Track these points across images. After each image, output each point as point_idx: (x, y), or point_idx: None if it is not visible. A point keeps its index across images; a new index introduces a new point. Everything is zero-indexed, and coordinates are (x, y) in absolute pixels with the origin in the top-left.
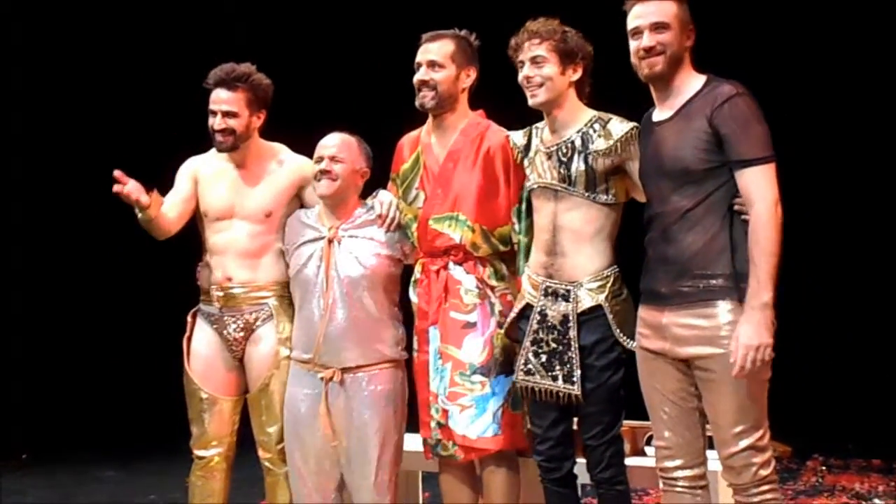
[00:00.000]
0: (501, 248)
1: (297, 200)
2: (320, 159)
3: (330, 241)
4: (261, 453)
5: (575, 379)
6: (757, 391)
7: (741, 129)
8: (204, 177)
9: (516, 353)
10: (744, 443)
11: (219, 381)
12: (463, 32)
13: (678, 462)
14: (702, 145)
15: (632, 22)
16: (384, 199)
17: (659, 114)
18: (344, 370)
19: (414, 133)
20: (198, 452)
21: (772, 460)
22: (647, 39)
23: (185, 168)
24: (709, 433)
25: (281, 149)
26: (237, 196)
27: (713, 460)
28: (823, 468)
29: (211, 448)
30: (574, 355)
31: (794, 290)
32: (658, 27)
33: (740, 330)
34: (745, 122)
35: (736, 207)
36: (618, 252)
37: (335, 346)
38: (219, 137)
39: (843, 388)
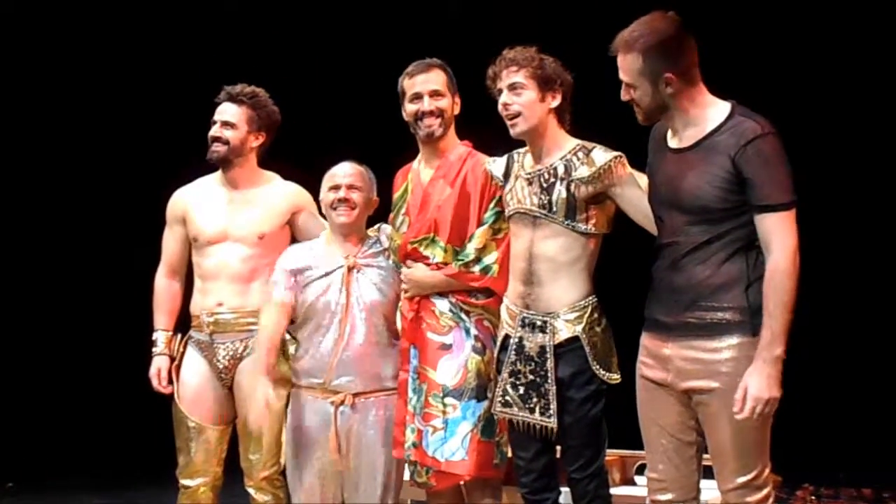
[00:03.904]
0: None
1: (289, 227)
2: (336, 188)
3: (350, 269)
4: (245, 480)
5: (551, 412)
6: (757, 429)
7: (765, 173)
8: (193, 204)
9: (490, 380)
10: (740, 479)
11: (207, 409)
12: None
13: (670, 496)
14: (723, 185)
15: None
16: (389, 232)
17: (675, 140)
18: (355, 395)
19: (408, 165)
20: (183, 482)
21: (770, 497)
22: (623, 95)
23: (171, 209)
24: (706, 463)
25: (274, 176)
26: (230, 218)
27: (707, 490)
28: (814, 497)
29: (197, 477)
30: (551, 388)
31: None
32: (628, 87)
33: (749, 380)
34: (769, 165)
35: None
36: (616, 281)
37: (348, 370)
38: (213, 146)
39: (834, 416)
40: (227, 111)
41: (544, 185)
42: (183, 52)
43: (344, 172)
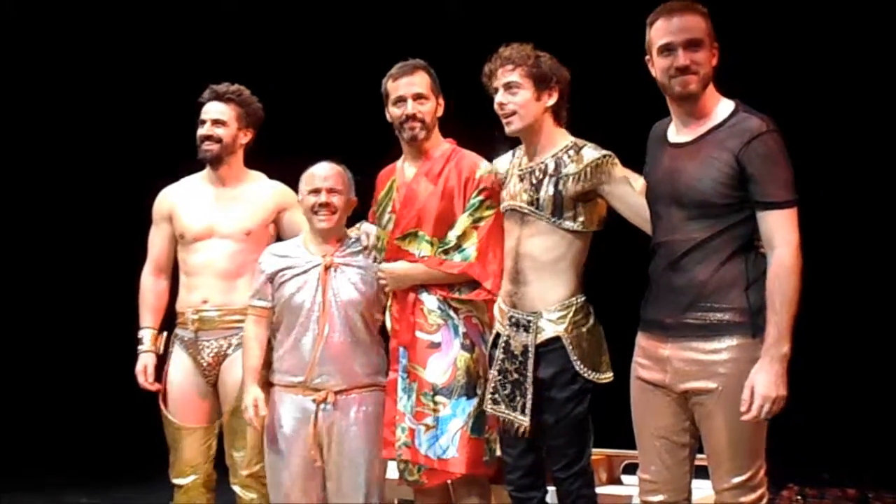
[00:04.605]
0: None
1: (274, 225)
2: (317, 191)
3: (327, 268)
4: (230, 478)
5: (526, 411)
6: (753, 430)
7: (769, 170)
8: (180, 202)
9: (480, 377)
10: (735, 480)
11: (192, 408)
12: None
13: (661, 497)
14: (725, 180)
15: (662, 37)
16: (369, 230)
17: (677, 135)
18: (336, 392)
19: (391, 165)
20: (175, 480)
21: (764, 497)
22: (683, 58)
23: (157, 207)
24: (700, 463)
25: (260, 175)
26: (217, 215)
27: (698, 490)
28: (799, 497)
29: (187, 476)
30: (529, 387)
31: None
32: (692, 44)
33: (756, 378)
34: (773, 162)
35: (761, 250)
36: (610, 279)
37: (329, 368)
38: (205, 145)
39: (819, 416)
40: (216, 109)
41: (534, 181)
42: (174, 52)
43: (324, 174)
